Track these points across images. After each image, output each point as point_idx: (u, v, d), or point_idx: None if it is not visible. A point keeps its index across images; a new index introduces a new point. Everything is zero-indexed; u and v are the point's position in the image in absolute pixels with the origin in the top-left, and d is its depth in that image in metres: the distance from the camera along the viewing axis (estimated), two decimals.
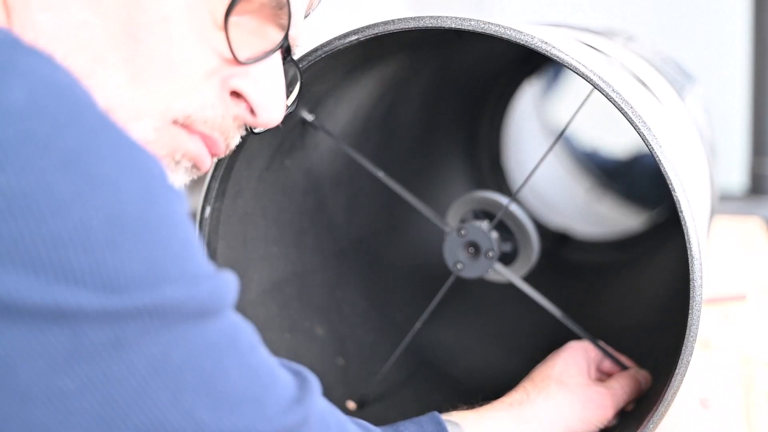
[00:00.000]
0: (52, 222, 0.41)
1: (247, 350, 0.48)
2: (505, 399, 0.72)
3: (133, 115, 0.53)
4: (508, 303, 0.95)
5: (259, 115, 0.58)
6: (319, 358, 0.84)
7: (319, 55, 0.68)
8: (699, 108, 1.12)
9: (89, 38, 0.51)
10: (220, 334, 0.46)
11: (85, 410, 0.42)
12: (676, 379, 0.64)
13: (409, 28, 0.66)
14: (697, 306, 0.63)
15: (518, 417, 0.69)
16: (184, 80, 0.54)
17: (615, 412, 0.73)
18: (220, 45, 0.55)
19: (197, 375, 0.45)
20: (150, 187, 0.44)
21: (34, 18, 0.50)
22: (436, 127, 1.09)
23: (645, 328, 0.88)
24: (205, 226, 0.73)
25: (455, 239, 0.79)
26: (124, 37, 0.52)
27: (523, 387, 0.73)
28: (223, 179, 0.72)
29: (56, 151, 0.41)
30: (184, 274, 0.44)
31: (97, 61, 0.51)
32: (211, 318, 0.46)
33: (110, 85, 0.52)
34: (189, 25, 0.53)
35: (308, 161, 0.84)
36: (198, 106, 0.55)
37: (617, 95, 0.63)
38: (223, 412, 0.46)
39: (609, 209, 1.52)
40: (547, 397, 0.71)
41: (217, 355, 0.46)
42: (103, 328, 0.42)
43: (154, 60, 0.52)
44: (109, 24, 0.51)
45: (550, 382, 0.72)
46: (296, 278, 0.85)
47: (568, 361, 0.74)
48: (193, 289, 0.45)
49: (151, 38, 0.52)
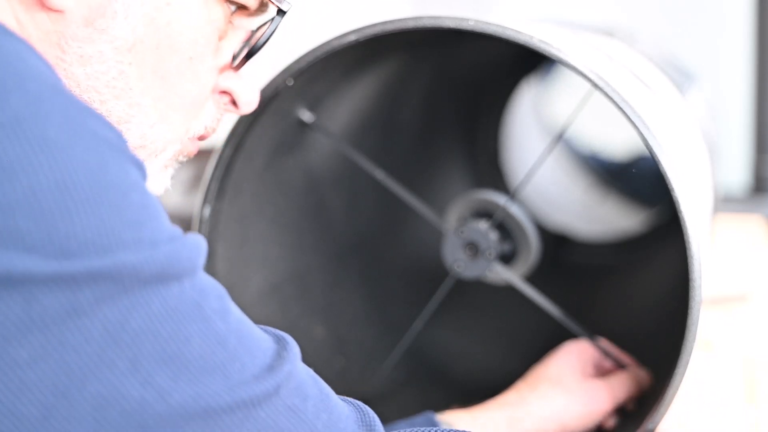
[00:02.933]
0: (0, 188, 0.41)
1: (214, 316, 0.46)
2: (499, 399, 0.72)
3: (161, 147, 0.57)
4: (507, 303, 0.94)
5: (242, 108, 0.60)
6: (319, 359, 0.84)
7: (319, 55, 0.68)
8: (701, 107, 1.12)
9: (125, 87, 0.53)
10: (181, 299, 0.45)
11: (40, 380, 0.42)
12: (676, 379, 0.64)
13: (408, 28, 0.66)
14: (696, 306, 0.63)
15: (511, 416, 0.70)
16: (201, 105, 0.58)
17: (613, 405, 0.73)
18: (218, 59, 0.58)
19: (157, 342, 0.44)
20: (102, 153, 0.44)
21: (68, 70, 0.52)
22: (436, 126, 1.09)
23: (645, 328, 0.88)
24: (204, 227, 0.73)
25: (454, 239, 0.79)
26: (155, 80, 0.54)
27: (516, 387, 0.73)
28: (222, 179, 0.72)
29: (1, 116, 0.41)
30: (140, 239, 0.43)
31: (134, 107, 0.54)
32: (171, 282, 0.44)
33: (145, 125, 0.55)
34: (210, 57, 0.56)
35: (307, 161, 0.84)
36: (206, 121, 0.59)
37: (616, 95, 0.62)
38: (184, 380, 0.44)
39: (609, 209, 1.51)
40: (539, 396, 0.71)
41: (178, 321, 0.45)
42: (57, 295, 0.41)
43: (181, 97, 0.56)
44: (142, 71, 0.53)
45: (543, 380, 0.73)
46: (296, 278, 0.85)
47: (562, 360, 0.74)
48: (150, 253, 0.43)
49: (180, 78, 0.55)
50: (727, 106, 2.27)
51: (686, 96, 0.99)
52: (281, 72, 0.69)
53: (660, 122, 0.69)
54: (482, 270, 0.79)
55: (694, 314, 0.63)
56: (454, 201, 0.86)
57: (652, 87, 0.80)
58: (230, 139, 0.71)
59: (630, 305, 1.00)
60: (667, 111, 0.79)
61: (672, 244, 0.93)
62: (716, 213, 1.02)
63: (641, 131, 0.63)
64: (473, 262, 0.79)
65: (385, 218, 1.00)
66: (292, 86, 0.71)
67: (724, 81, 2.29)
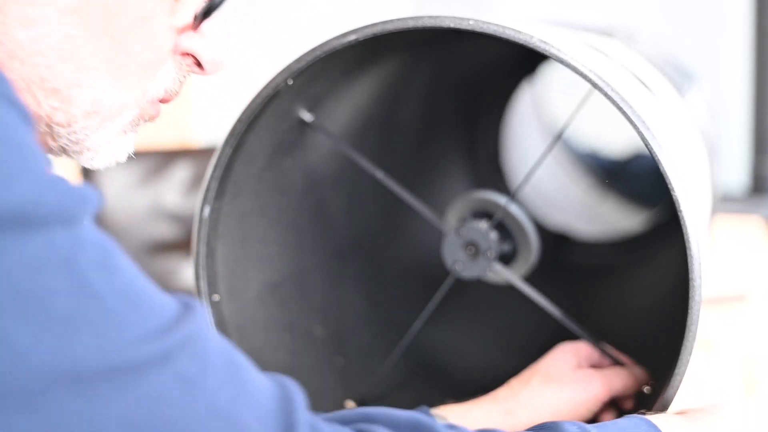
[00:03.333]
0: None
1: (90, 270, 0.42)
2: (491, 394, 0.72)
3: (116, 111, 0.54)
4: (507, 303, 0.94)
5: (207, 69, 0.58)
6: (319, 358, 0.84)
7: (318, 54, 0.68)
8: (700, 107, 1.12)
9: (72, 49, 0.51)
10: (47, 249, 0.41)
11: None
12: (676, 379, 0.64)
13: (408, 27, 0.66)
14: (696, 306, 0.63)
15: (504, 409, 0.70)
16: (157, 67, 0.55)
17: (608, 393, 0.72)
18: (176, 18, 0.55)
19: (14, 294, 0.40)
20: None
21: (11, 34, 0.50)
22: (436, 126, 1.09)
23: (645, 328, 0.88)
24: (204, 226, 0.72)
25: (454, 239, 0.79)
26: (104, 42, 0.52)
27: (508, 384, 0.74)
28: (222, 179, 0.72)
29: None
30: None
31: (83, 71, 0.52)
32: (35, 229, 0.40)
33: (96, 89, 0.52)
34: (164, 16, 0.54)
35: (307, 161, 0.84)
36: (166, 83, 0.57)
37: (616, 95, 0.62)
38: (48, 338, 0.40)
39: (609, 209, 1.51)
40: (531, 389, 0.72)
41: (42, 273, 0.40)
42: None
43: (134, 58, 0.53)
44: (90, 32, 0.51)
45: (535, 375, 0.73)
46: (295, 278, 0.85)
47: (556, 357, 0.75)
48: (5, 193, 0.40)
49: (132, 39, 0.53)
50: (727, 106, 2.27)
51: (686, 96, 0.99)
52: (281, 72, 0.69)
53: (660, 122, 0.69)
54: (482, 270, 0.79)
55: (694, 314, 0.63)
56: (454, 201, 0.86)
57: (652, 87, 0.80)
58: (230, 138, 0.71)
59: (630, 305, 1.00)
60: (666, 111, 0.79)
61: (672, 244, 0.93)
62: (715, 213, 1.02)
63: (641, 131, 0.63)
64: (473, 262, 0.79)
65: (385, 218, 1.00)
66: (292, 86, 0.71)
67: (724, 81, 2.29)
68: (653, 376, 0.75)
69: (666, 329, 0.75)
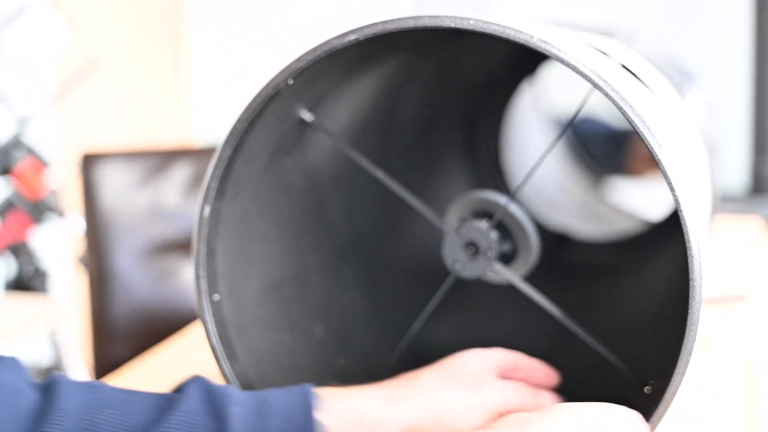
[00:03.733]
0: None
1: None
2: (381, 383, 0.73)
3: None
4: (507, 303, 0.94)
5: None
6: (319, 358, 0.84)
7: (319, 54, 0.68)
8: (700, 107, 1.12)
9: None
10: None
11: None
12: (676, 379, 0.64)
13: (409, 27, 0.66)
14: (696, 306, 0.63)
15: (384, 396, 0.70)
16: None
17: (502, 405, 0.72)
18: None
19: None
20: None
21: None
22: (436, 126, 1.09)
23: (645, 328, 0.88)
24: (204, 226, 0.72)
25: (454, 239, 0.79)
26: None
27: (403, 375, 0.74)
28: (222, 179, 0.72)
29: None
30: None
31: None
32: None
33: None
34: None
35: (307, 161, 0.84)
36: None
37: (616, 95, 0.62)
38: None
39: (609, 209, 1.51)
40: (420, 383, 0.72)
41: None
42: None
43: None
44: None
45: (431, 371, 0.73)
46: (295, 278, 0.85)
47: (460, 358, 0.75)
48: None
49: None
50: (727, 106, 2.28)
51: (686, 96, 0.99)
52: (281, 71, 0.69)
53: (660, 122, 0.69)
54: (482, 269, 0.79)
55: (694, 314, 0.63)
56: (454, 201, 0.86)
57: (652, 87, 0.80)
58: (230, 138, 0.71)
59: (630, 305, 1.00)
60: (666, 111, 0.79)
61: (672, 244, 0.93)
62: (715, 213, 1.02)
63: (641, 131, 0.63)
64: (473, 262, 0.79)
65: (385, 218, 1.00)
66: (292, 86, 0.71)
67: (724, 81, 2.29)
68: (653, 376, 0.75)
69: (666, 329, 0.75)
